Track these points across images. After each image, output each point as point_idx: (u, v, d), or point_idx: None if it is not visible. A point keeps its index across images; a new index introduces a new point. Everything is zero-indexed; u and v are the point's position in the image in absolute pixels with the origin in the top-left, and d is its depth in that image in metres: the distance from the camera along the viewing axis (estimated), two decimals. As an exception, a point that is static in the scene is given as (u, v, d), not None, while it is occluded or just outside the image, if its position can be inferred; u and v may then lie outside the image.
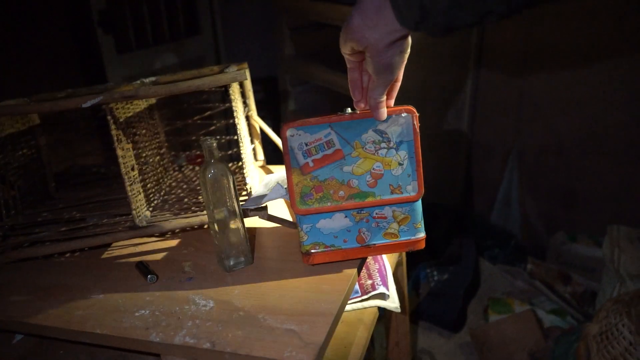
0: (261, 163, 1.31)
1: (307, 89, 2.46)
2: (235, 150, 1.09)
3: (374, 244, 0.82)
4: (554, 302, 1.92)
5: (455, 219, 2.40)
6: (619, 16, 1.86)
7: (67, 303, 0.83)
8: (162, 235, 1.04)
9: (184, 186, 1.19)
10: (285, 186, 0.92)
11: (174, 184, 1.22)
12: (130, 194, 0.96)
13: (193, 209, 1.05)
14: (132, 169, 0.98)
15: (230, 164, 1.25)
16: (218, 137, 1.08)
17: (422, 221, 0.82)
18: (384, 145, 0.76)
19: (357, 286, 1.09)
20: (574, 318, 1.83)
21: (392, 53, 0.65)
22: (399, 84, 0.75)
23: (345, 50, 0.70)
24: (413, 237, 0.82)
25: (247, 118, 1.20)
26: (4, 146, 1.06)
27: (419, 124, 0.76)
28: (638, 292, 1.39)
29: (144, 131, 1.12)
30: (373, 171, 0.77)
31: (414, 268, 2.16)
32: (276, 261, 0.90)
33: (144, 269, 0.90)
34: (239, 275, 0.87)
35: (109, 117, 0.92)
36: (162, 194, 1.15)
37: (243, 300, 0.80)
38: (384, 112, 0.74)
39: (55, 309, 0.82)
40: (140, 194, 1.00)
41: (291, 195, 0.78)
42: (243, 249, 0.89)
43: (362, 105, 0.76)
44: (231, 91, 0.99)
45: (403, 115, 0.75)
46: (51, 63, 2.15)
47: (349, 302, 1.06)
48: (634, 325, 1.27)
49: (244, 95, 1.17)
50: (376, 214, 0.80)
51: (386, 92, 0.72)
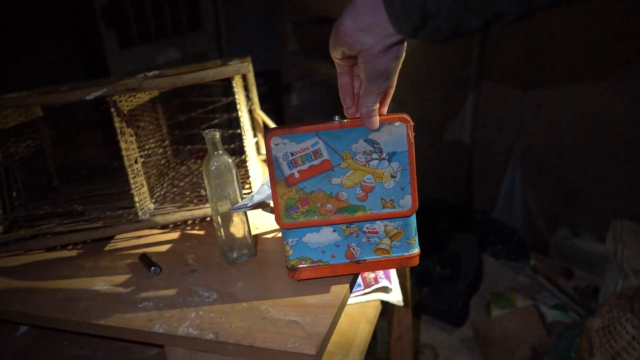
0: (264, 157, 1.31)
1: (310, 83, 2.45)
2: (237, 144, 1.09)
3: (364, 260, 0.77)
4: (556, 297, 1.92)
5: (457, 214, 2.39)
6: (622, 14, 1.86)
7: (70, 295, 0.84)
8: (165, 227, 1.04)
9: (186, 179, 1.19)
10: None
11: (176, 177, 1.22)
12: (133, 186, 0.97)
13: (195, 202, 1.05)
14: (135, 162, 0.98)
15: (233, 158, 1.25)
16: (220, 130, 1.08)
17: (417, 236, 0.77)
18: (375, 156, 0.71)
19: (360, 279, 1.09)
20: (577, 313, 1.83)
21: (387, 59, 0.60)
22: (392, 90, 0.70)
23: (336, 55, 0.64)
24: (406, 254, 0.77)
25: (250, 112, 1.20)
26: (7, 138, 1.07)
27: (413, 134, 0.70)
28: (641, 286, 1.39)
29: (146, 124, 1.11)
30: (363, 184, 0.72)
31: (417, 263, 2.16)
32: (279, 254, 0.90)
33: (147, 261, 0.90)
34: (242, 268, 0.87)
35: (112, 110, 0.92)
36: (164, 186, 1.15)
37: (246, 292, 0.80)
38: (376, 121, 0.69)
39: (59, 301, 0.82)
40: (143, 186, 1.00)
41: (275, 208, 0.73)
42: (246, 241, 0.89)
43: (353, 113, 0.71)
44: (234, 84, 0.98)
45: (396, 124, 0.70)
46: (54, 57, 2.15)
47: (351, 295, 1.06)
48: (637, 320, 1.27)
49: (247, 89, 1.17)
50: (367, 228, 0.75)
51: (379, 100, 0.67)
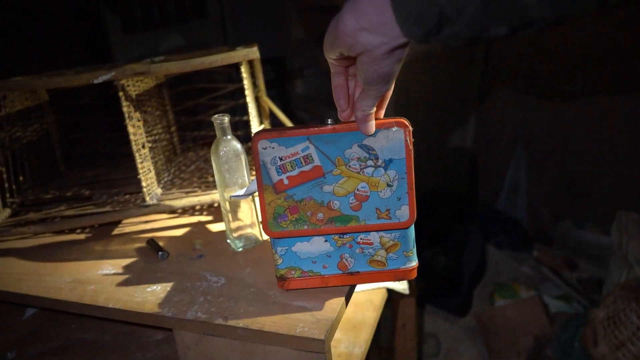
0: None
1: (315, 72, 2.44)
2: (243, 131, 1.08)
3: (358, 272, 0.72)
4: (560, 288, 1.92)
5: (461, 204, 2.39)
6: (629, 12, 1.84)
7: (78, 278, 0.84)
8: (172, 213, 1.04)
9: (193, 166, 1.19)
10: None
11: (183, 162, 1.21)
12: (141, 171, 0.96)
13: (203, 188, 1.05)
14: (143, 147, 0.98)
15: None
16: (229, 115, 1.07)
17: (415, 249, 0.72)
18: (370, 163, 0.66)
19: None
20: (580, 304, 1.83)
21: (390, 61, 0.54)
22: (390, 92, 0.64)
23: (331, 56, 0.59)
24: (403, 267, 0.72)
25: (257, 99, 1.19)
26: (14, 122, 1.06)
27: (412, 140, 0.65)
28: (646, 278, 1.39)
29: (153, 110, 1.11)
30: (357, 192, 0.67)
31: (421, 253, 2.16)
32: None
33: (155, 245, 0.90)
34: (249, 254, 0.87)
35: (120, 94, 0.91)
36: (171, 172, 1.15)
37: (254, 277, 0.80)
38: (372, 126, 0.63)
39: (67, 284, 0.82)
40: (151, 171, 1.00)
41: (263, 215, 0.69)
42: (254, 228, 0.88)
43: (347, 116, 0.66)
44: (242, 69, 0.98)
45: (394, 129, 0.64)
46: (57, 43, 2.14)
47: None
48: (641, 311, 1.27)
49: (253, 75, 1.16)
50: (361, 239, 0.71)
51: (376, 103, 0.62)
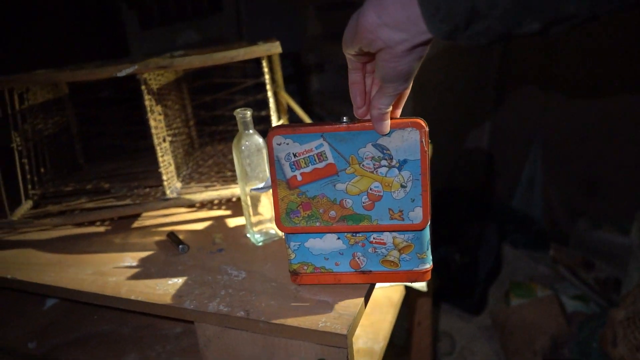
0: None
1: (332, 68, 2.43)
2: (261, 126, 1.08)
3: (370, 271, 0.72)
4: (577, 287, 1.90)
5: (477, 202, 2.38)
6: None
7: (100, 270, 0.84)
8: (192, 206, 1.04)
9: (211, 160, 1.19)
10: None
11: (201, 157, 1.22)
12: (161, 164, 0.97)
13: (221, 182, 1.05)
14: (164, 140, 0.98)
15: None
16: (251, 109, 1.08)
17: (429, 251, 0.71)
18: (384, 162, 0.65)
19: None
20: (598, 304, 1.81)
21: (410, 59, 0.53)
22: (408, 91, 0.62)
23: (350, 51, 0.57)
24: (416, 268, 0.71)
25: (275, 94, 1.19)
26: (36, 115, 1.07)
27: (428, 141, 0.64)
28: (667, 279, 1.37)
29: (173, 104, 1.11)
30: (370, 192, 0.67)
31: (436, 251, 2.15)
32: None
33: (175, 239, 0.90)
34: (269, 248, 0.87)
35: (143, 87, 0.92)
36: (190, 166, 1.15)
37: (275, 272, 0.80)
38: (387, 125, 0.62)
39: (88, 275, 0.83)
40: (171, 165, 1.00)
41: (275, 210, 0.69)
42: (274, 222, 0.88)
43: (364, 113, 0.64)
44: (264, 64, 0.98)
45: (409, 130, 0.63)
46: (75, 38, 2.15)
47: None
48: (663, 312, 1.25)
49: (271, 71, 1.16)
50: (374, 238, 0.70)
51: (393, 102, 0.60)
